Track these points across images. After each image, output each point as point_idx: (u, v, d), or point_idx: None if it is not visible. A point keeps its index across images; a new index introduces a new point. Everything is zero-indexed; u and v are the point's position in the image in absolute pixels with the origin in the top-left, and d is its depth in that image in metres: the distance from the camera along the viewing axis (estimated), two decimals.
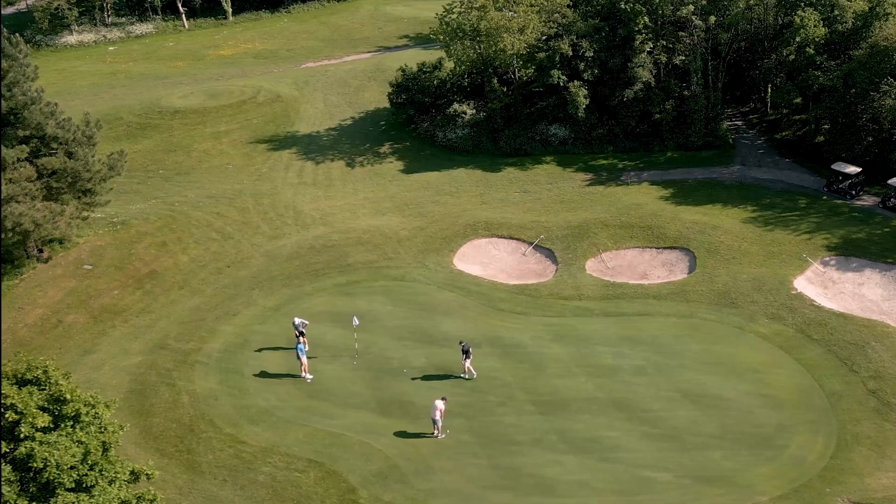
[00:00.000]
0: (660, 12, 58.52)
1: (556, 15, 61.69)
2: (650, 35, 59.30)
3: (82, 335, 46.71)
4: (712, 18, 57.57)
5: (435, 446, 35.41)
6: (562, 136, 64.43)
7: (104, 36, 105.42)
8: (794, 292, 44.31)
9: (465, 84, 69.57)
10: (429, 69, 68.86)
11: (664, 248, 50.98)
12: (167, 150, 70.44)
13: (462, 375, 39.71)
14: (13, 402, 23.74)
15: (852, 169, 52.92)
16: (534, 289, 47.53)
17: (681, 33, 59.51)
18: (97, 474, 23.81)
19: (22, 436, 23.39)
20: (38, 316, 48.89)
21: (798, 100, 58.37)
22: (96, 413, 24.95)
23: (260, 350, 43.10)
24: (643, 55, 59.04)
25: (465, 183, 62.00)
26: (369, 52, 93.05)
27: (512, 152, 64.81)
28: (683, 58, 59.41)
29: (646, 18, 58.34)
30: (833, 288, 45.48)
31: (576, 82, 60.53)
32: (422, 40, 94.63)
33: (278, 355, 42.66)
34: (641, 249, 51.31)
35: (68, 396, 24.37)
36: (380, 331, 42.78)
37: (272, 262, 52.31)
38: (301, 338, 42.39)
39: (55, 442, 23.44)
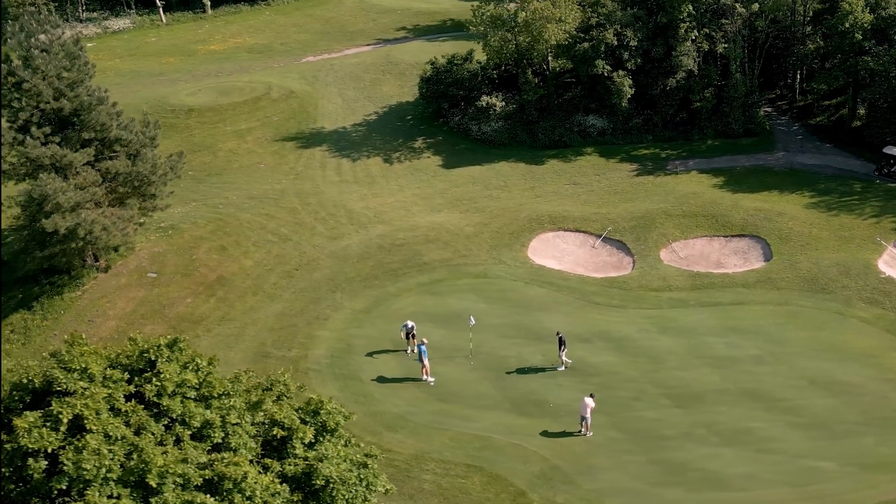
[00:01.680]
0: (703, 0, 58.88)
1: (597, 4, 61.32)
2: (693, 23, 59.55)
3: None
4: (755, 6, 58.11)
5: (586, 444, 34.98)
6: (600, 126, 64.36)
7: (80, 32, 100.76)
8: (883, 276, 45.21)
9: (495, 76, 68.80)
10: (459, 61, 67.83)
11: (732, 236, 51.37)
12: (191, 151, 67.71)
13: (558, 367, 39.18)
14: (280, 418, 22.50)
15: None
16: (622, 281, 47.40)
17: (722, 21, 59.89)
18: (364, 490, 22.73)
19: (296, 453, 22.17)
20: (112, 328, 46.64)
21: (840, 83, 59.39)
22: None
23: (370, 354, 41.89)
24: (688, 43, 59.27)
25: (512, 176, 61.44)
26: (368, 44, 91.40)
27: (551, 144, 64.43)
28: (726, 45, 59.83)
29: (690, 6, 58.54)
30: None
31: (620, 72, 60.41)
32: (421, 32, 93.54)
33: (389, 359, 41.60)
34: (710, 238, 51.64)
35: (327, 408, 23.31)
36: (484, 329, 42.01)
37: (343, 264, 50.93)
38: (414, 340, 41.47)
39: (332, 457, 22.31)
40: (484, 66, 68.53)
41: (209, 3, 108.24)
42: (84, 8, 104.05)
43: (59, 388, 21.33)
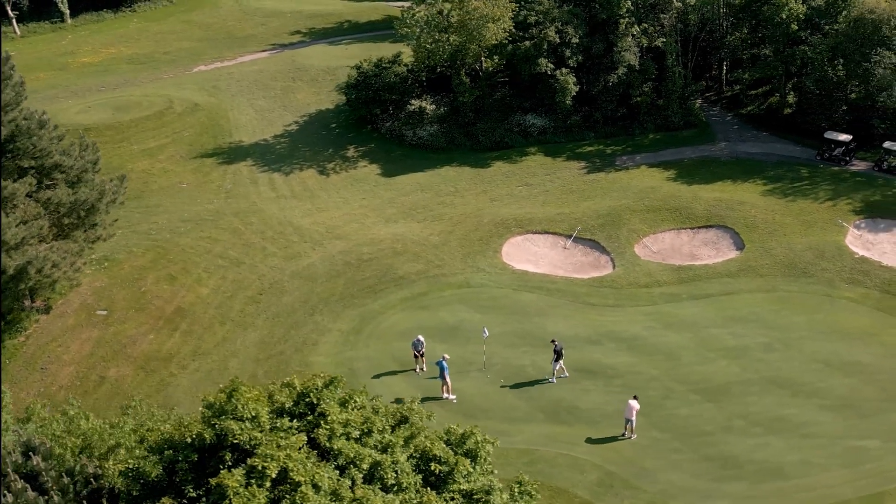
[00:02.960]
0: None
1: (533, 2, 62.59)
2: (633, 18, 61.88)
3: (141, 389, 42.11)
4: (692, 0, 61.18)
5: (633, 447, 35.69)
6: (541, 125, 65.70)
7: None
8: (856, 256, 48.59)
9: (424, 79, 68.92)
10: (387, 64, 67.50)
11: (699, 227, 53.75)
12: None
13: (550, 379, 39.66)
14: (436, 453, 21.73)
15: (844, 136, 58.51)
16: (610, 280, 48.62)
17: (661, 15, 62.57)
18: None
19: (461, 488, 21.45)
20: (71, 375, 43.53)
21: (779, 72, 63.24)
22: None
23: (377, 377, 41.03)
24: (629, 39, 61.52)
25: (460, 181, 61.82)
26: (264, 50, 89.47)
27: (492, 146, 65.24)
28: (664, 39, 62.55)
29: (629, 2, 60.81)
30: (874, 249, 50.31)
31: (563, 70, 61.93)
32: (319, 35, 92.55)
33: (399, 380, 40.93)
34: (678, 231, 53.81)
35: (476, 437, 22.79)
36: (488, 340, 41.98)
37: (312, 284, 49.68)
38: (423, 358, 41.05)
39: (496, 489, 21.78)
40: (412, 68, 68.39)
41: (68, 13, 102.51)
42: None
43: (234, 441, 19.66)
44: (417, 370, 41.34)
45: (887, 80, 56.86)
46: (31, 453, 21.49)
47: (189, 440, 19.90)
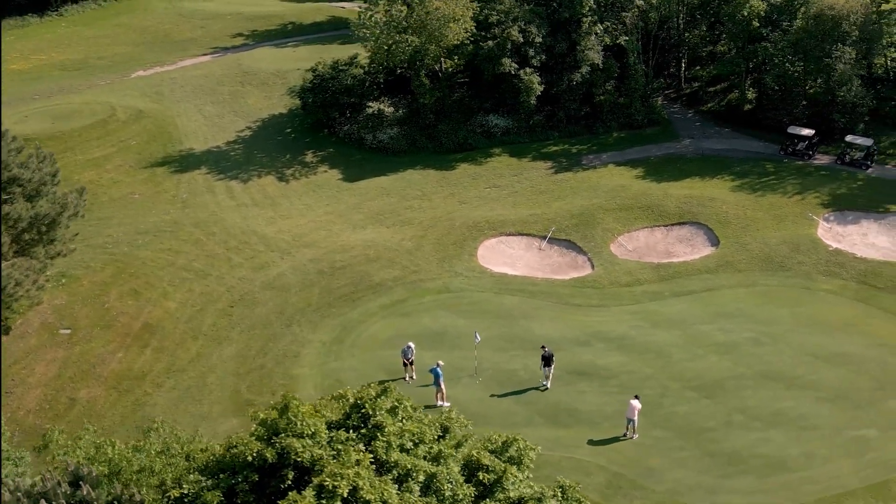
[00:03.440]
0: None
1: (494, 1, 63.05)
2: (595, 17, 62.80)
3: (115, 410, 41.05)
4: None
5: (636, 447, 36.15)
6: (503, 126, 66.13)
7: None
8: (831, 249, 50.15)
9: (381, 81, 68.80)
10: (344, 66, 67.18)
11: (672, 224, 54.80)
12: None
13: (544, 384, 39.96)
14: (484, 462, 21.62)
15: (807, 131, 60.38)
16: (591, 281, 49.19)
17: (622, 13, 63.63)
18: None
19: (509, 496, 21.40)
20: (38, 398, 42.16)
21: (742, 69, 64.92)
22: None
23: (367, 387, 40.52)
24: (592, 37, 62.41)
25: (426, 185, 61.83)
26: (206, 54, 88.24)
27: (456, 148, 65.45)
28: (626, 38, 63.62)
29: (591, 1, 61.70)
30: (845, 241, 52.02)
31: (527, 69, 62.49)
32: (262, 37, 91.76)
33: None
34: (651, 229, 54.76)
35: (519, 444, 22.79)
36: (475, 345, 42.08)
37: (286, 294, 49.10)
38: (412, 366, 40.96)
39: (548, 496, 21.80)
40: (369, 70, 68.16)
41: None
42: None
43: (296, 459, 19.15)
44: (407, 378, 41.16)
45: (847, 75, 58.85)
46: (80, 482, 20.70)
47: (250, 459, 19.35)
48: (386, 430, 20.87)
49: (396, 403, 22.17)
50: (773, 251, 50.38)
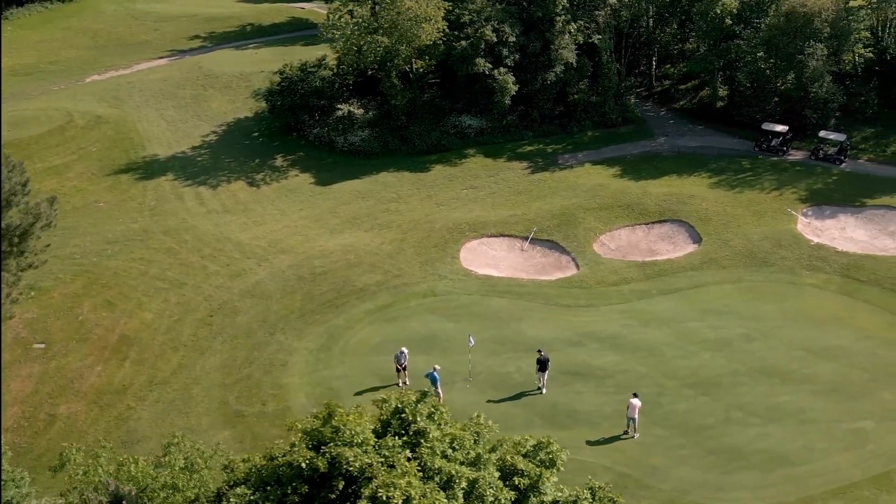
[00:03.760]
0: None
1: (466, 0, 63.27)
2: (569, 16, 63.34)
3: (98, 426, 40.27)
4: None
5: (638, 446, 36.53)
6: (477, 126, 66.33)
7: None
8: (812, 244, 51.22)
9: (350, 82, 68.62)
10: (313, 68, 66.84)
11: (653, 222, 55.51)
12: None
13: (541, 388, 40.17)
14: (520, 467, 21.65)
15: (781, 127, 61.64)
16: (578, 280, 49.58)
17: (595, 12, 64.28)
18: None
19: (544, 500, 21.45)
20: (16, 415, 41.23)
21: (716, 67, 65.99)
22: None
23: (360, 394, 40.53)
24: (566, 36, 62.93)
25: (401, 187, 61.78)
26: (163, 57, 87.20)
27: (429, 149, 65.50)
28: (599, 36, 64.29)
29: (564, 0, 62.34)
30: (824, 235, 53.18)
31: (501, 69, 62.79)
32: (220, 39, 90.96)
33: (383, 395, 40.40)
34: (632, 227, 55.39)
35: (550, 447, 22.89)
36: (467, 349, 42.19)
37: (267, 302, 48.68)
38: (405, 371, 40.88)
39: (583, 498, 21.92)
40: (337, 72, 67.91)
41: None
42: None
43: (348, 469, 18.90)
44: (400, 384, 41.06)
45: (819, 71, 60.21)
46: (122, 502, 20.22)
47: (302, 468, 19.06)
48: (430, 435, 20.78)
49: (434, 409, 22.08)
50: (756, 247, 51.27)
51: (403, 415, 21.67)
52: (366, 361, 43.01)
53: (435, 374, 38.80)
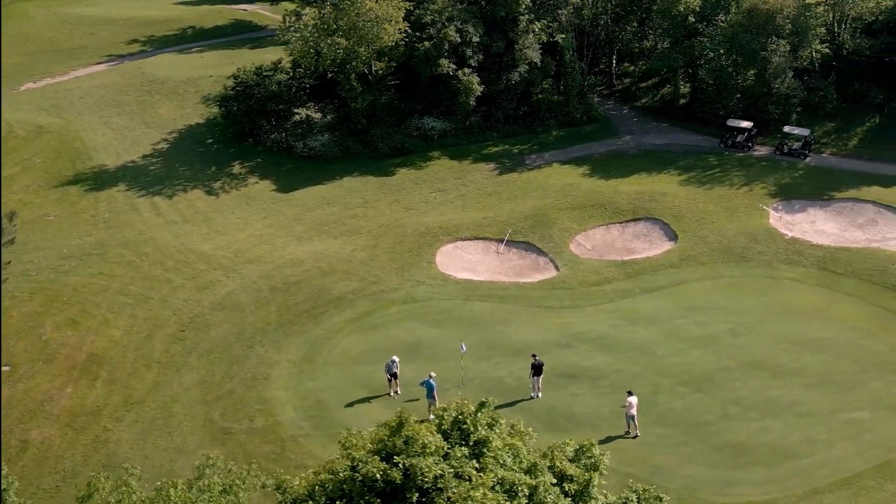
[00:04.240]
0: None
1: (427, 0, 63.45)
2: (532, 15, 63.98)
3: (75, 450, 39.29)
4: None
5: (641, 446, 37.05)
6: (440, 128, 66.51)
7: None
8: (787, 237, 52.64)
9: (307, 86, 68.23)
10: (268, 72, 66.26)
11: (627, 221, 56.39)
12: None
13: (533, 395, 40.45)
14: (570, 473, 21.78)
15: (746, 123, 63.26)
16: (560, 282, 50.07)
17: (558, 11, 65.05)
18: None
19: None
20: None
21: (680, 65, 67.33)
22: None
23: (350, 405, 40.36)
24: (530, 36, 63.55)
25: (367, 192, 61.67)
26: (101, 63, 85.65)
27: (392, 153, 65.48)
28: (563, 35, 65.08)
29: None
30: (796, 229, 54.69)
31: (465, 70, 63.11)
32: (161, 43, 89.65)
33: (376, 407, 40.30)
34: (606, 226, 56.19)
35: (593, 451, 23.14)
36: (456, 355, 42.32)
37: (240, 314, 48.14)
38: (396, 381, 40.85)
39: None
40: (293, 75, 67.43)
41: None
42: None
43: (423, 480, 18.68)
44: (392, 394, 40.93)
45: (782, 67, 61.95)
46: None
47: (377, 479, 18.77)
48: (492, 445, 20.79)
49: (492, 420, 22.08)
50: (732, 242, 52.44)
51: (465, 426, 21.59)
52: (352, 372, 42.76)
53: (431, 381, 38.76)
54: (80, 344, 45.85)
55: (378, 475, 19.32)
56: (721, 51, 63.05)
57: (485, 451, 20.96)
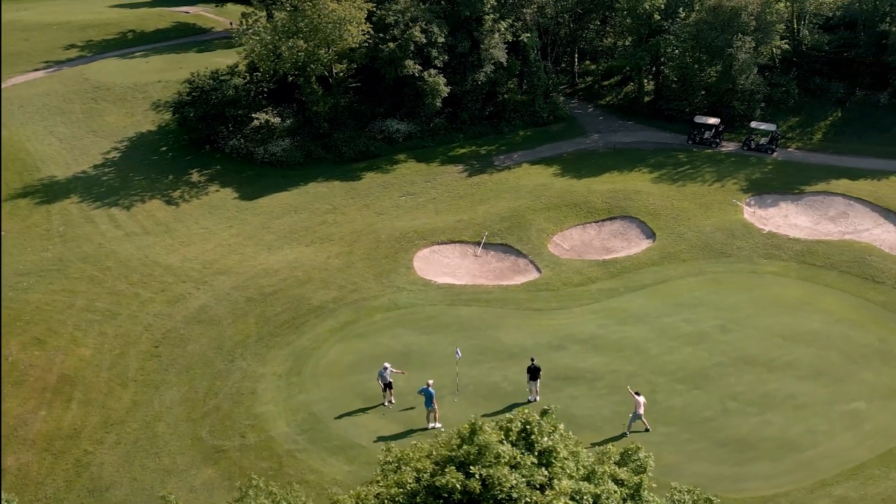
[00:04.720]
0: None
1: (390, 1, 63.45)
2: (497, 15, 64.45)
3: (57, 476, 38.41)
4: None
5: (647, 445, 36.50)
6: (405, 130, 66.57)
7: None
8: (764, 232, 53.94)
9: (266, 90, 67.69)
10: (225, 76, 65.54)
11: (603, 220, 57.20)
12: None
13: (531, 399, 40.77)
14: (621, 476, 22.02)
15: (713, 120, 64.67)
16: (544, 283, 50.50)
17: (523, 10, 65.64)
18: None
19: None
20: None
21: (646, 62, 68.43)
22: None
23: (342, 417, 40.18)
24: (496, 36, 64.00)
25: (335, 198, 61.50)
26: (38, 69, 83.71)
27: (356, 157, 65.39)
28: (528, 35, 65.69)
29: None
30: (769, 223, 56.08)
31: (431, 71, 63.28)
32: (101, 48, 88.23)
33: (371, 417, 40.25)
34: (583, 226, 56.92)
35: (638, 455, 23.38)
36: (448, 362, 42.47)
37: (217, 327, 47.56)
38: (391, 390, 40.77)
39: None
40: (251, 79, 66.82)
41: None
42: None
43: (501, 490, 18.57)
44: (386, 403, 40.81)
45: (748, 64, 63.50)
46: None
47: (455, 490, 18.63)
48: (559, 454, 20.90)
49: (553, 428, 22.18)
50: (710, 238, 53.53)
51: (533, 436, 21.66)
52: (343, 382, 42.55)
53: (429, 389, 38.71)
54: (50, 364, 44.75)
55: (458, 485, 19.26)
56: (686, 48, 64.25)
57: (552, 459, 21.08)
